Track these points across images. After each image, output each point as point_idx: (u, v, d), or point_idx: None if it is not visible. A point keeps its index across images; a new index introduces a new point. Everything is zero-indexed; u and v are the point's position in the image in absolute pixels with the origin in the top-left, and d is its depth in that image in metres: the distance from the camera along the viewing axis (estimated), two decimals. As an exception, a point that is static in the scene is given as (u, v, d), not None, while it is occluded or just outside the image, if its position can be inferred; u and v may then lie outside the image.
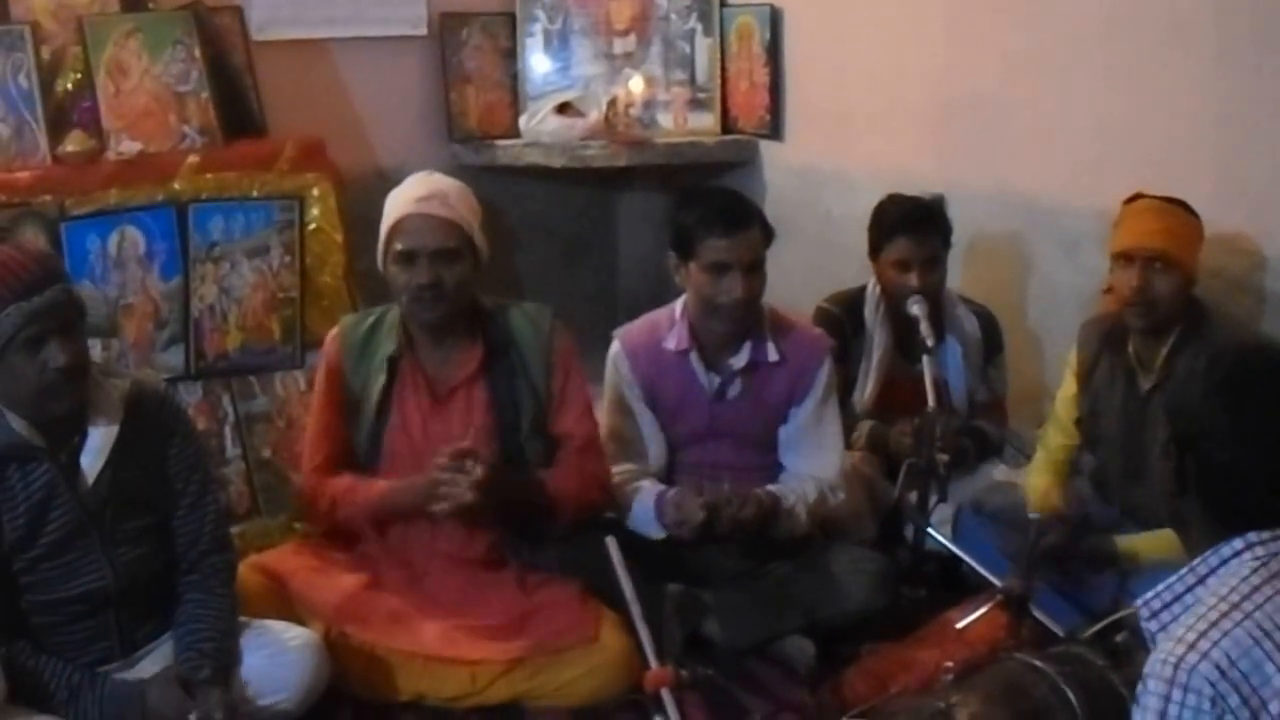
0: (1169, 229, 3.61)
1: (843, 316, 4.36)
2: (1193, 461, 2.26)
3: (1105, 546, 3.63)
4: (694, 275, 3.81)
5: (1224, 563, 2.21)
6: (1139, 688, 2.15)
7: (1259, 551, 2.18)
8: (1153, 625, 2.26)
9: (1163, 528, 3.46)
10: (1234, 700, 2.05)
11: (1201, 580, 2.23)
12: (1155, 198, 3.68)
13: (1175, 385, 2.43)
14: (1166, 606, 2.26)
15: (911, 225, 4.22)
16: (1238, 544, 2.20)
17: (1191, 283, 3.63)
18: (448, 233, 3.60)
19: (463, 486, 3.49)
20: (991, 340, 4.39)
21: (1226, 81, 3.84)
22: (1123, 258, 3.64)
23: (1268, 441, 2.21)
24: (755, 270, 3.79)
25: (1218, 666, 2.07)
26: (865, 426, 4.28)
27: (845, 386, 4.25)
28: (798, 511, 3.83)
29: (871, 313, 4.34)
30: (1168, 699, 2.09)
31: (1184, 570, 2.25)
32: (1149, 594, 2.28)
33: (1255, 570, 2.16)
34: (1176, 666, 2.09)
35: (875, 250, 4.30)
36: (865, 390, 4.33)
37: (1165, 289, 3.59)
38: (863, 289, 4.40)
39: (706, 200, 3.91)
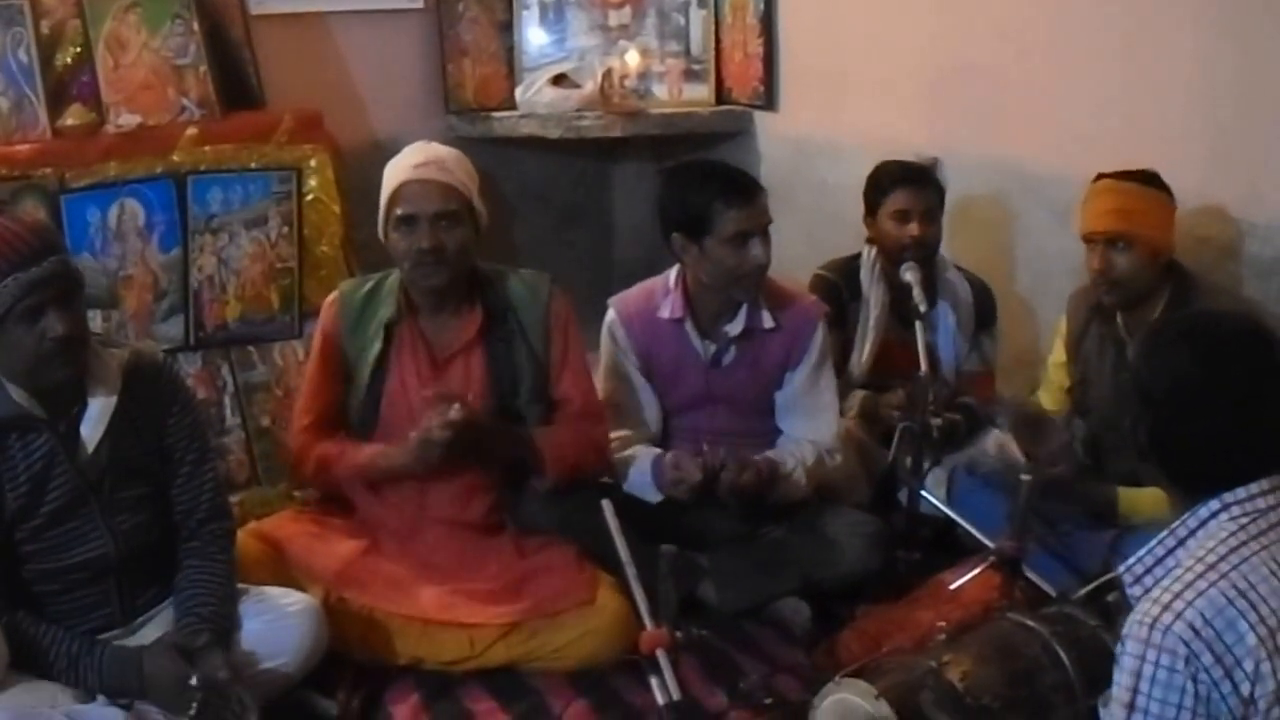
0: (1125, 208, 3.61)
1: (840, 283, 4.39)
2: (1143, 427, 2.30)
3: (1107, 493, 3.64)
4: (713, 250, 3.79)
5: (1202, 524, 2.24)
6: (1118, 648, 2.19)
7: (1235, 511, 2.21)
8: (1136, 590, 2.29)
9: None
10: (1207, 659, 2.09)
11: (1181, 543, 2.26)
12: (1116, 175, 3.68)
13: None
14: (1149, 570, 2.28)
15: (908, 178, 4.28)
16: (1214, 504, 2.23)
17: (1159, 255, 3.62)
18: (447, 196, 3.63)
19: (435, 424, 3.51)
20: (985, 310, 4.39)
21: (1220, 50, 3.84)
22: (1086, 241, 3.67)
23: (1202, 402, 2.23)
24: (768, 234, 3.83)
25: (1191, 626, 2.10)
26: (857, 396, 4.29)
27: (843, 352, 4.28)
28: (796, 476, 3.86)
29: (868, 276, 4.36)
30: (1143, 659, 2.13)
31: (1164, 534, 2.28)
32: (1131, 559, 2.31)
33: (1233, 533, 2.19)
34: (1151, 627, 2.12)
35: (873, 207, 4.32)
36: (862, 355, 4.34)
37: (1128, 267, 3.60)
38: (858, 256, 4.41)
39: (709, 177, 3.88)
